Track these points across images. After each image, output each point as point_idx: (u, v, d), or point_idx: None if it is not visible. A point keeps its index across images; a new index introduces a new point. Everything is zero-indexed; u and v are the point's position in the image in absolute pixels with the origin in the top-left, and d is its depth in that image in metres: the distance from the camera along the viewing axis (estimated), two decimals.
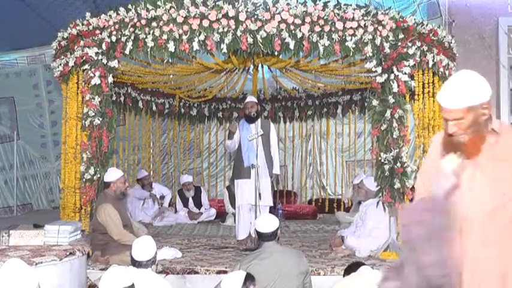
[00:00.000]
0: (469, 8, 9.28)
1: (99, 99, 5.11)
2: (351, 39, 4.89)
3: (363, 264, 3.63)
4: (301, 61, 6.77)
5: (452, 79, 2.10)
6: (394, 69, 4.96)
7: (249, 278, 3.02)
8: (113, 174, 4.93)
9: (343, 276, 3.66)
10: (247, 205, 5.70)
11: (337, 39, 4.89)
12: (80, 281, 4.08)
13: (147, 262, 3.42)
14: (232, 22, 4.80)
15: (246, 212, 5.73)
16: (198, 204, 8.34)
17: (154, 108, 8.72)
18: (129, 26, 4.97)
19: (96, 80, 5.07)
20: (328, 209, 8.98)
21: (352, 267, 3.56)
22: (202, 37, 4.82)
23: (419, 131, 5.56)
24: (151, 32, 4.89)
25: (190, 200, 8.31)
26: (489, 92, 2.06)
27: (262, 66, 7.73)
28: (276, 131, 9.70)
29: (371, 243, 5.04)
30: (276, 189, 8.00)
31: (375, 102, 5.03)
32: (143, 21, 4.92)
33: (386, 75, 4.97)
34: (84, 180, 5.06)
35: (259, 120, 5.76)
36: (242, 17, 4.80)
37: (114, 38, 5.03)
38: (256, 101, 6.01)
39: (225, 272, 4.31)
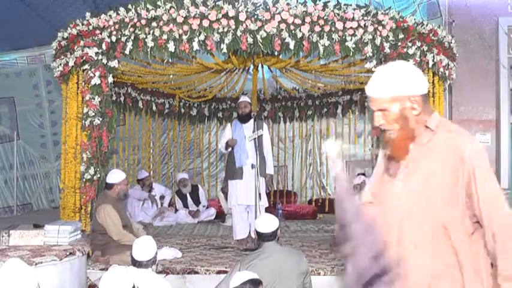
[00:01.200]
0: (469, 8, 9.27)
1: (99, 99, 5.11)
2: (351, 39, 4.89)
3: None
4: (301, 61, 6.77)
5: (381, 68, 2.00)
6: None
7: (253, 282, 3.00)
8: (116, 176, 4.91)
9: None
10: (241, 205, 5.72)
11: (337, 39, 4.89)
12: (80, 281, 4.08)
13: (147, 262, 3.42)
14: (232, 22, 4.80)
15: (241, 212, 5.74)
16: (196, 201, 8.35)
17: (154, 108, 8.73)
18: (129, 26, 4.97)
19: (96, 80, 5.07)
20: (328, 209, 8.98)
21: None
22: (202, 37, 4.82)
23: None
24: (151, 32, 4.89)
25: (189, 198, 8.31)
26: (422, 86, 1.94)
27: (262, 66, 7.74)
28: (276, 131, 9.78)
29: None
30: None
31: None
32: (143, 21, 4.92)
33: None
34: (84, 180, 5.06)
35: (252, 120, 5.77)
36: (242, 17, 4.80)
37: (114, 38, 5.03)
38: (249, 101, 6.03)
39: (225, 272, 4.31)
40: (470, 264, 1.87)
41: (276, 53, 6.12)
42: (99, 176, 5.07)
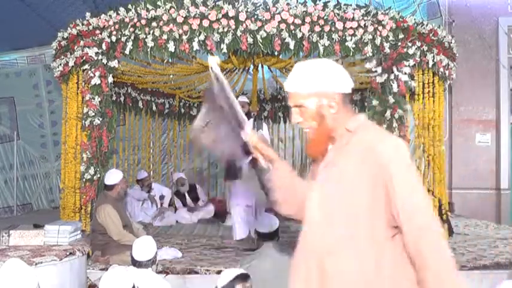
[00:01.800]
0: (469, 8, 9.28)
1: (99, 99, 5.11)
2: (351, 39, 4.89)
3: None
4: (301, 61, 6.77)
5: (301, 63, 1.92)
6: (394, 69, 4.96)
7: (241, 277, 2.99)
8: (115, 176, 4.90)
9: None
10: (242, 206, 5.72)
11: (337, 39, 4.89)
12: (80, 281, 4.08)
13: (147, 262, 3.42)
14: (232, 22, 4.80)
15: (242, 212, 5.74)
16: (195, 200, 8.36)
17: (154, 108, 8.72)
18: (129, 26, 4.97)
19: (96, 80, 5.08)
20: None
21: None
22: (202, 37, 4.83)
23: (419, 131, 5.57)
24: (151, 32, 4.89)
25: (187, 197, 8.31)
26: (341, 85, 1.85)
27: (262, 66, 7.74)
28: (276, 131, 9.77)
29: None
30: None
31: (375, 102, 5.03)
32: (143, 21, 4.92)
33: (386, 75, 4.97)
34: (84, 180, 5.06)
35: (252, 120, 5.78)
36: (242, 17, 4.80)
37: (114, 38, 5.03)
38: (247, 101, 6.03)
39: None
40: (389, 269, 1.73)
41: (276, 53, 6.12)
42: (99, 176, 5.07)
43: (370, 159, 1.73)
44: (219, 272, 4.46)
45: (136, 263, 3.42)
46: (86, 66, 5.14)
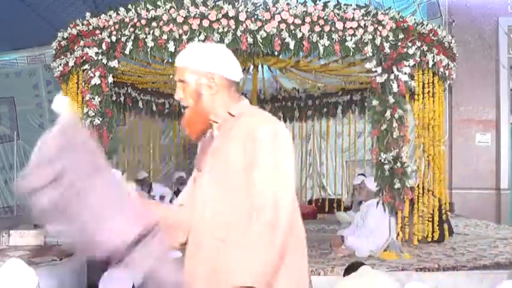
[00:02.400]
0: (469, 8, 9.28)
1: (99, 99, 5.11)
2: (351, 39, 4.89)
3: (363, 264, 3.62)
4: (301, 61, 6.76)
5: (197, 43, 1.95)
6: (394, 69, 4.96)
7: None
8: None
9: (343, 276, 3.66)
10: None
11: (337, 39, 4.89)
12: (80, 281, 4.08)
13: None
14: (232, 22, 4.80)
15: None
16: None
17: (154, 108, 8.71)
18: (129, 26, 4.97)
19: (96, 80, 5.07)
20: (328, 209, 8.98)
21: (352, 267, 3.55)
22: (202, 37, 4.82)
23: (419, 131, 5.57)
24: (151, 32, 4.89)
25: None
26: (226, 68, 1.85)
27: (262, 66, 7.73)
28: None
29: (371, 243, 5.04)
30: None
31: (375, 102, 5.03)
32: (143, 21, 4.92)
33: (386, 75, 4.97)
34: None
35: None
36: (242, 17, 4.80)
37: (114, 38, 5.03)
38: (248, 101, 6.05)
39: None
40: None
41: (276, 53, 6.11)
42: None
43: (248, 144, 1.73)
44: None
45: None
46: (86, 66, 5.14)
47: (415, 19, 5.16)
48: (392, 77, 4.96)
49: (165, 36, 4.85)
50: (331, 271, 4.45)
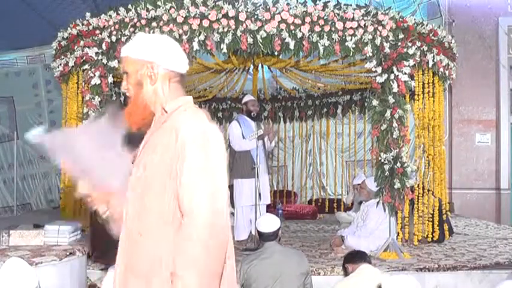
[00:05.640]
0: (469, 8, 9.28)
1: (99, 99, 5.10)
2: (351, 39, 4.89)
3: (365, 255, 3.63)
4: (301, 61, 6.76)
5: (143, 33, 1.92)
6: (394, 69, 4.96)
7: None
8: None
9: (343, 265, 3.67)
10: (248, 206, 5.71)
11: (337, 39, 4.89)
12: (80, 281, 4.08)
13: None
14: (232, 22, 4.80)
15: (247, 213, 5.73)
16: None
17: None
18: (129, 26, 4.97)
19: (96, 80, 5.07)
20: (328, 209, 8.97)
21: (353, 258, 3.56)
22: (202, 37, 4.82)
23: (419, 131, 5.57)
24: (151, 32, 4.89)
25: None
26: (169, 60, 1.81)
27: (262, 66, 7.73)
28: (276, 131, 9.75)
29: (371, 243, 5.04)
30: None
31: (374, 102, 5.03)
32: (143, 21, 4.92)
33: (386, 75, 4.97)
34: None
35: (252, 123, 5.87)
36: (242, 17, 4.80)
37: (114, 38, 5.03)
38: (255, 98, 6.15)
39: None
40: None
41: (276, 53, 6.11)
42: None
43: (172, 144, 1.67)
44: None
45: None
46: (86, 66, 5.14)
47: (415, 19, 5.16)
48: (392, 77, 4.96)
49: None
50: (331, 271, 4.46)
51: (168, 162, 1.68)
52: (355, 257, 3.57)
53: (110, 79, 5.20)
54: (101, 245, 4.71)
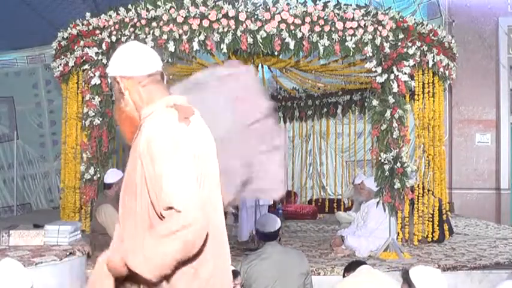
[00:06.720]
0: (469, 8, 9.28)
1: (99, 99, 5.11)
2: (351, 39, 4.89)
3: (364, 263, 3.63)
4: (301, 61, 6.76)
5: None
6: (394, 69, 4.96)
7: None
8: (114, 175, 4.90)
9: (343, 275, 3.66)
10: (251, 206, 5.71)
11: (337, 39, 4.89)
12: (80, 281, 4.08)
13: None
14: (232, 22, 4.80)
15: (251, 214, 5.73)
16: None
17: None
18: (129, 26, 4.97)
19: (96, 80, 5.08)
20: (328, 209, 8.98)
21: (352, 266, 3.56)
22: (202, 37, 4.82)
23: (419, 131, 5.57)
24: (151, 32, 4.89)
25: None
26: (124, 66, 1.85)
27: (262, 66, 7.72)
28: None
29: (371, 243, 5.04)
30: None
31: (374, 102, 5.03)
32: (143, 21, 4.92)
33: (386, 75, 4.97)
34: (84, 180, 5.06)
35: None
36: (242, 17, 4.80)
37: (114, 38, 5.03)
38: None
39: None
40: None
41: (276, 53, 6.11)
42: (99, 176, 5.07)
43: (144, 150, 1.69)
44: None
45: None
46: (86, 66, 5.14)
47: (415, 19, 5.16)
48: (392, 77, 4.96)
49: (165, 36, 4.85)
50: (331, 271, 4.46)
51: (139, 168, 1.72)
52: (352, 265, 3.57)
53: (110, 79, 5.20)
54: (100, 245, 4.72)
